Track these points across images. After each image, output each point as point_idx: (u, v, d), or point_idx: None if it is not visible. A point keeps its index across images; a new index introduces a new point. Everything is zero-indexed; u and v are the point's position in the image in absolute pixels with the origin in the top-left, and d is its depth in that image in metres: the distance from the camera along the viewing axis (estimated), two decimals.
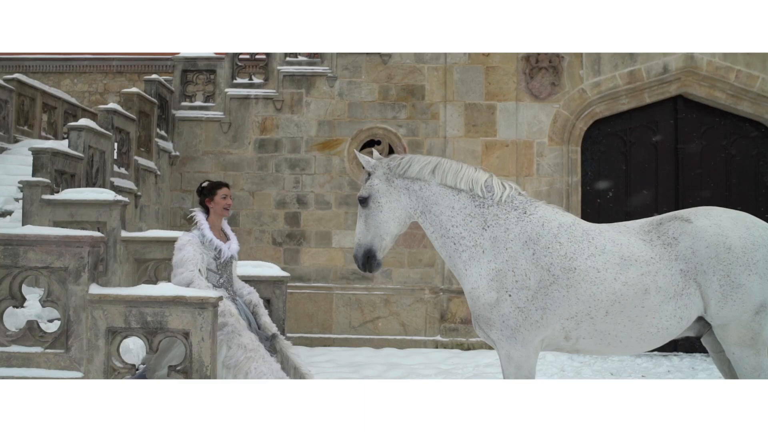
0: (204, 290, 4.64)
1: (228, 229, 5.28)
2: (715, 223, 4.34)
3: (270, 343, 5.05)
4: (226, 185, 5.25)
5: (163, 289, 4.57)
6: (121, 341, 4.63)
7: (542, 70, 11.11)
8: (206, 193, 5.18)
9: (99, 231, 7.22)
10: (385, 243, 4.62)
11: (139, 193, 9.98)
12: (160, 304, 4.51)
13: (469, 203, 4.51)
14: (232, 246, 5.17)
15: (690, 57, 11.00)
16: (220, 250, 5.03)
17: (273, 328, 5.23)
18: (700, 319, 4.38)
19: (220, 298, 4.55)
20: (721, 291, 4.22)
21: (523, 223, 4.46)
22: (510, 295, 4.32)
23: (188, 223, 5.53)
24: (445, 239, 4.54)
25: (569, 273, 4.31)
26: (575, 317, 4.31)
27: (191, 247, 4.87)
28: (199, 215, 5.15)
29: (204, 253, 4.94)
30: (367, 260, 4.61)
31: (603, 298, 4.27)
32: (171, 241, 7.36)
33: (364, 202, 4.62)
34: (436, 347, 11.00)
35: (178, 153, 11.63)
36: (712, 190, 11.10)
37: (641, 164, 11.34)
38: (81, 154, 8.17)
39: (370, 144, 11.51)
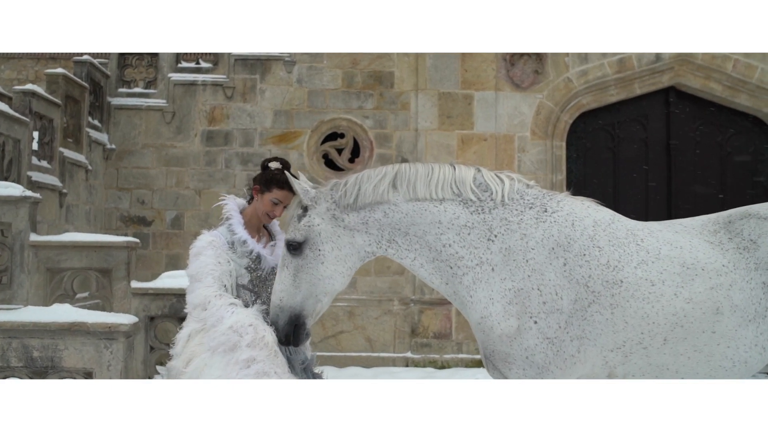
0: (117, 315, 3.39)
1: (274, 226, 3.75)
2: None
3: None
4: (291, 190, 3.49)
5: (55, 313, 3.31)
6: None
7: (524, 56, 10.14)
8: (260, 179, 3.60)
9: (3, 234, 5.92)
10: (321, 306, 3.31)
11: (65, 191, 8.67)
12: (51, 334, 3.26)
13: (462, 211, 3.30)
14: (277, 251, 3.60)
15: None
16: (257, 257, 3.52)
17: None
18: None
19: (136, 325, 3.30)
20: None
21: (546, 224, 3.31)
22: (536, 322, 3.18)
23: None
24: (437, 263, 3.32)
25: (614, 288, 3.20)
26: (623, 347, 3.22)
27: (212, 252, 3.38)
28: (230, 204, 3.59)
29: (233, 261, 3.45)
30: (295, 330, 3.26)
31: (660, 320, 3.19)
32: (92, 247, 6.12)
33: (296, 248, 3.27)
34: (407, 365, 9.89)
35: (113, 146, 10.46)
36: (705, 189, 10.41)
37: (630, 161, 10.58)
38: None
39: (332, 137, 10.41)
